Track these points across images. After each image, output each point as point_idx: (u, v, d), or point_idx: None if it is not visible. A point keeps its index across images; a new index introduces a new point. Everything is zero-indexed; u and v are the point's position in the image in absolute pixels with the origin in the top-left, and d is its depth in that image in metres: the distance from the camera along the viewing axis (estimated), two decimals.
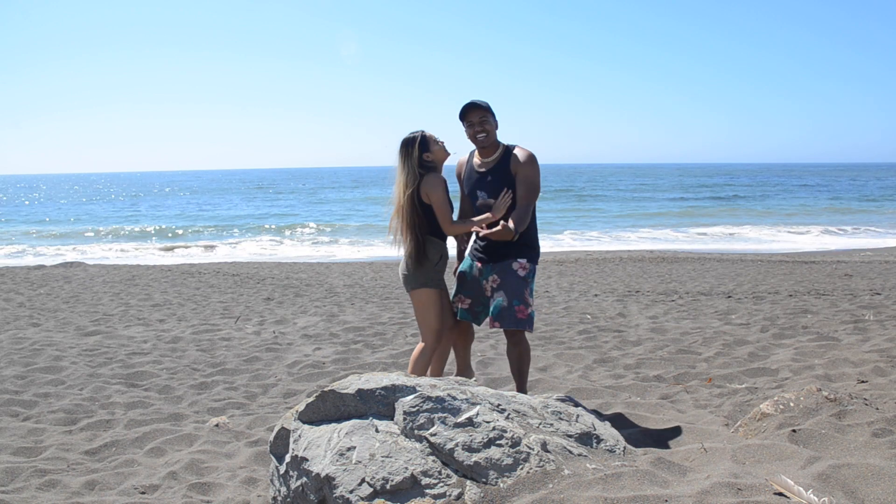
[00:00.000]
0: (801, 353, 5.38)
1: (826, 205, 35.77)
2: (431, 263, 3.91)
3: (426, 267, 3.90)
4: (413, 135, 3.87)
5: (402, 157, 3.86)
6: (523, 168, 3.84)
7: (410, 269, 3.92)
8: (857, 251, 17.20)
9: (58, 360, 5.82)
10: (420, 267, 3.89)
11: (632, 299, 8.94)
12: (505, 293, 3.88)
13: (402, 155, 3.86)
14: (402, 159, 3.85)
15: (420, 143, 3.84)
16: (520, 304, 3.86)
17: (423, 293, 3.92)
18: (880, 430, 3.10)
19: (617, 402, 4.34)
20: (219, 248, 21.37)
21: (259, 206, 41.96)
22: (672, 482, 2.57)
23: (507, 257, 3.91)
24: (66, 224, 30.96)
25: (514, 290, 3.87)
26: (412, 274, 3.92)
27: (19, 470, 3.45)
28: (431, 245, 3.90)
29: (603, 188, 55.16)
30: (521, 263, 3.90)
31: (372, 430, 2.79)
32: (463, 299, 4.08)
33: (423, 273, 3.90)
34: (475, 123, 3.87)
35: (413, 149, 3.83)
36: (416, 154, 3.83)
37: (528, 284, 3.91)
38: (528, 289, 3.91)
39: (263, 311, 8.48)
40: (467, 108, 3.88)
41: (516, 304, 3.86)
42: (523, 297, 3.88)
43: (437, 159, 3.89)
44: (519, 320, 3.87)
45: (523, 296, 3.88)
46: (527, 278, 3.91)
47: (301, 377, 5.31)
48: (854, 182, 61.86)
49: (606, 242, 21.61)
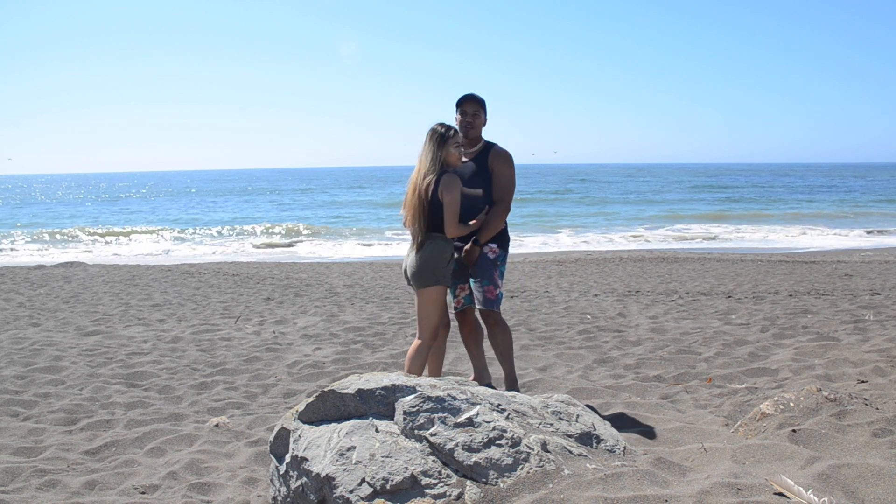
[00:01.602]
0: (801, 353, 5.38)
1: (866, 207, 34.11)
2: (445, 260, 4.00)
3: (440, 263, 3.98)
4: (448, 129, 3.96)
5: (433, 145, 3.94)
6: (500, 164, 4.18)
7: (423, 265, 3.97)
8: (857, 251, 17.21)
9: (58, 360, 5.82)
10: (434, 264, 3.97)
11: (632, 299, 8.94)
12: (478, 275, 4.19)
13: (434, 143, 3.94)
14: (433, 147, 3.93)
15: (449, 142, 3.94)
16: (489, 283, 4.18)
17: (434, 290, 4.02)
18: (880, 430, 3.10)
19: (617, 402, 4.34)
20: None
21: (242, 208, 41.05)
22: (672, 482, 2.57)
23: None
24: (64, 223, 30.95)
25: (485, 271, 4.18)
26: (426, 271, 3.97)
27: (19, 470, 3.45)
28: (445, 242, 3.99)
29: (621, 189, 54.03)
30: (491, 248, 4.20)
31: (372, 430, 2.79)
32: (463, 287, 4.33)
33: (437, 270, 3.99)
34: (468, 114, 4.20)
35: (446, 143, 3.93)
36: (445, 148, 3.93)
37: (497, 267, 4.21)
38: (498, 271, 4.22)
39: (263, 311, 8.48)
40: (466, 98, 4.22)
41: (486, 283, 4.18)
42: (493, 278, 4.18)
43: (449, 161, 3.97)
44: (488, 300, 4.18)
45: (493, 276, 4.18)
46: (496, 261, 4.21)
47: (301, 377, 5.31)
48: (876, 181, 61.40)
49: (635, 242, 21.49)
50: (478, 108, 4.19)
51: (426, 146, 3.97)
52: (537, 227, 26.16)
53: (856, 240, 21.38)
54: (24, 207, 44.11)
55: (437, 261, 3.97)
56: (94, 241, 24.40)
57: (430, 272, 3.97)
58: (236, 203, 45.43)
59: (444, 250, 3.97)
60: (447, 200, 3.89)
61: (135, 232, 26.88)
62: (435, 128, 3.97)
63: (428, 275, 3.97)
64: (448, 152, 3.93)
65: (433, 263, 3.96)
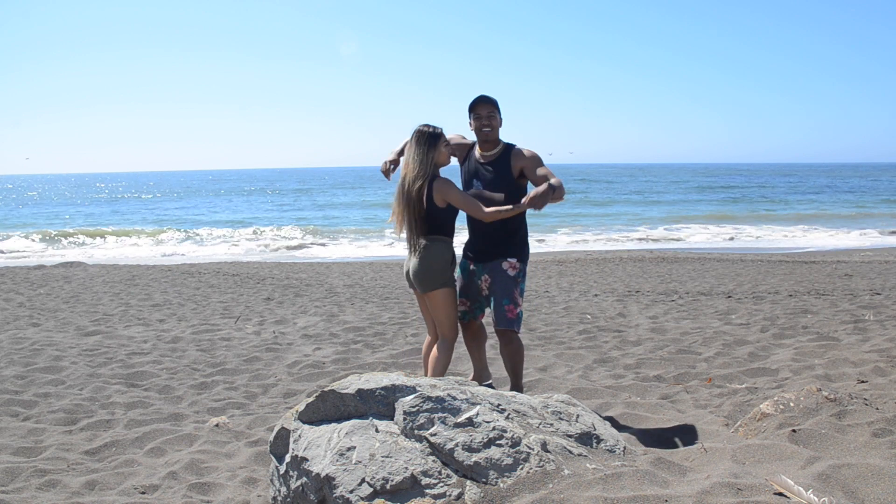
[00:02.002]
0: (801, 353, 5.38)
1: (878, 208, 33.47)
2: (447, 263, 3.93)
3: (443, 267, 3.91)
4: (436, 130, 3.84)
5: (420, 148, 3.80)
6: (529, 158, 3.91)
7: (428, 270, 3.89)
8: (857, 251, 17.20)
9: (58, 360, 5.82)
10: (439, 268, 3.89)
11: (632, 299, 8.94)
12: (496, 292, 3.94)
13: (423, 145, 3.80)
14: (421, 149, 3.80)
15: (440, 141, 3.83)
16: (509, 303, 3.92)
17: (444, 293, 3.92)
18: (880, 430, 3.10)
19: (617, 402, 4.34)
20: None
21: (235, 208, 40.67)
22: (672, 482, 2.57)
23: (497, 257, 3.97)
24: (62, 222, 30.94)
25: (505, 290, 3.93)
26: (431, 275, 3.90)
27: (19, 470, 3.45)
28: (444, 244, 3.92)
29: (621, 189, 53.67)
30: (511, 263, 3.95)
31: (372, 430, 2.79)
32: (463, 301, 4.14)
33: (442, 273, 3.91)
34: (483, 117, 3.93)
35: (437, 143, 3.82)
36: (436, 149, 3.82)
37: (518, 284, 3.95)
38: (519, 288, 3.96)
39: (263, 311, 8.48)
40: (478, 101, 3.94)
41: (506, 303, 3.92)
42: (513, 297, 3.93)
43: (440, 162, 3.89)
44: (509, 320, 3.92)
45: (513, 295, 3.93)
46: (517, 278, 3.95)
47: (301, 377, 5.31)
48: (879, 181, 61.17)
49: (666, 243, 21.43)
50: (492, 109, 3.92)
51: (413, 149, 3.81)
52: (537, 226, 26.16)
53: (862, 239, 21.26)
54: (24, 207, 44.11)
55: (440, 264, 3.89)
56: (94, 240, 24.40)
57: (435, 275, 3.89)
58: (236, 203, 45.41)
59: (444, 252, 3.91)
60: (456, 200, 3.79)
61: (135, 232, 26.88)
62: (421, 129, 3.82)
63: (432, 278, 3.89)
64: (439, 152, 3.82)
65: (436, 267, 3.88)
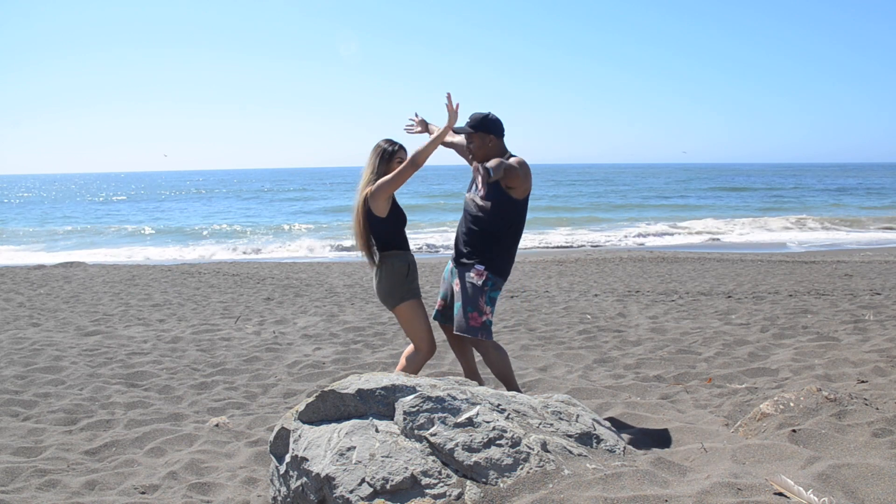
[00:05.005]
0: (801, 353, 5.38)
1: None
2: (403, 276, 3.88)
3: (399, 281, 3.87)
4: (393, 145, 3.87)
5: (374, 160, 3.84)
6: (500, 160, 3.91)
7: (386, 288, 3.88)
8: (857, 251, 17.21)
9: (58, 360, 5.82)
10: (394, 283, 3.86)
11: (632, 299, 8.94)
12: (460, 298, 3.91)
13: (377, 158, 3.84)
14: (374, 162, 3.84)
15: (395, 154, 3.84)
16: (473, 310, 3.86)
17: (406, 307, 3.88)
18: (880, 430, 3.10)
19: (617, 402, 4.34)
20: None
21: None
22: (672, 482, 2.57)
23: (466, 263, 3.95)
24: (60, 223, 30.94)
25: (468, 297, 3.88)
26: (389, 293, 3.88)
27: (19, 470, 3.45)
28: (396, 259, 3.88)
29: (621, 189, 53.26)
30: (478, 270, 3.88)
31: (372, 430, 2.79)
32: (440, 301, 4.15)
33: (399, 288, 3.87)
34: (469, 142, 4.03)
35: (391, 158, 3.83)
36: (388, 165, 3.82)
37: (484, 293, 3.88)
38: (485, 297, 3.88)
39: (263, 311, 8.48)
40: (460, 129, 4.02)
41: (469, 310, 3.86)
42: (478, 305, 3.86)
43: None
44: (471, 327, 3.86)
45: (478, 303, 3.86)
46: (484, 286, 3.88)
47: (301, 377, 5.31)
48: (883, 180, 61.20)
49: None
50: (470, 137, 3.96)
51: (369, 161, 3.85)
52: (536, 226, 26.15)
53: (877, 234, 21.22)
54: (24, 207, 44.11)
55: (394, 280, 3.85)
56: (94, 240, 24.39)
57: (393, 291, 3.86)
58: (236, 203, 45.42)
59: (398, 267, 3.86)
60: (385, 183, 3.72)
61: (135, 232, 26.88)
62: (380, 143, 3.88)
63: (391, 294, 3.87)
64: (389, 168, 3.82)
65: (391, 283, 3.85)
